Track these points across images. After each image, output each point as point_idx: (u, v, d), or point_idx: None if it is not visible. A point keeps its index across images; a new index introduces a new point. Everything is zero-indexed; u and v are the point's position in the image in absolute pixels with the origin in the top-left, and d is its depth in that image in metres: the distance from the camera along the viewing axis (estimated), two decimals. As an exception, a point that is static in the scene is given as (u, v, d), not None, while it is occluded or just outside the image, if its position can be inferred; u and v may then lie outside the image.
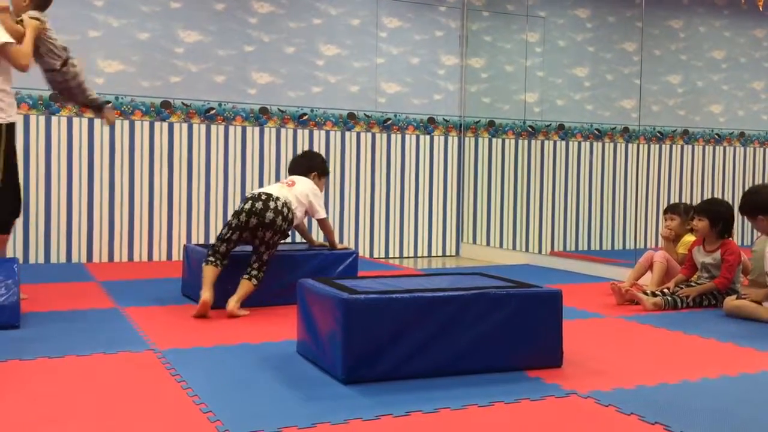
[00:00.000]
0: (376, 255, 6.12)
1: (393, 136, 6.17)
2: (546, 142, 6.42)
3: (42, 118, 5.11)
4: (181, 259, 5.24)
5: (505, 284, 2.63)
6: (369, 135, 6.08)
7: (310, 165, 3.87)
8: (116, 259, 5.32)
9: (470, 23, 6.41)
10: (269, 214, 3.42)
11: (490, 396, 2.16)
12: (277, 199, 3.49)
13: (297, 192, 3.63)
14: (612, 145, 6.62)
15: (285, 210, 3.48)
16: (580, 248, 6.46)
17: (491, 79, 6.48)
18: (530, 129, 6.38)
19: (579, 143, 6.54)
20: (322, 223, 3.82)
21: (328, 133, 5.93)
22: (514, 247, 6.29)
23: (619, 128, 6.64)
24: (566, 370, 2.48)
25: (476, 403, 2.10)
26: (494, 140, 6.45)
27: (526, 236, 6.32)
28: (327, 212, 4.11)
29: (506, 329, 2.46)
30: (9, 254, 4.99)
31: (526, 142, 6.40)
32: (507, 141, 6.45)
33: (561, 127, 6.47)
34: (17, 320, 2.97)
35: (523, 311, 2.48)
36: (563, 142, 6.48)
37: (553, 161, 6.44)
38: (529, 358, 2.49)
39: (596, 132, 6.57)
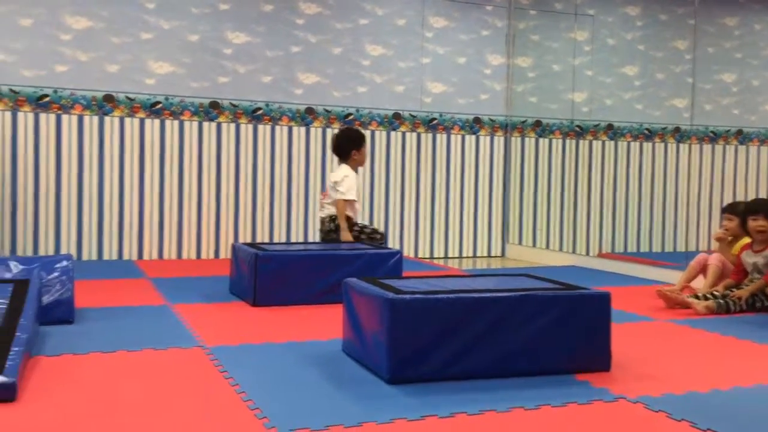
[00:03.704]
0: (420, 255, 6.11)
1: (438, 136, 6.15)
2: (594, 142, 6.32)
3: (95, 119, 5.24)
4: (228, 257, 5.33)
5: (552, 286, 2.60)
6: (414, 135, 6.08)
7: (346, 146, 4.40)
8: (165, 256, 5.43)
9: (517, 22, 6.36)
10: (333, 236, 4.27)
11: (536, 399, 2.14)
12: (326, 220, 4.33)
13: (330, 200, 4.32)
14: (663, 145, 6.48)
15: (332, 225, 4.29)
16: (629, 250, 6.34)
17: (538, 79, 6.41)
18: (578, 129, 6.29)
19: (628, 143, 6.42)
20: (336, 204, 4.24)
21: (373, 133, 5.94)
22: (560, 249, 6.22)
23: (671, 128, 6.50)
24: (615, 374, 2.44)
25: (522, 405, 2.08)
26: (541, 140, 6.38)
27: (573, 237, 6.24)
28: (356, 196, 4.35)
29: (553, 332, 2.43)
30: (63, 250, 5.15)
31: (573, 142, 6.32)
32: (554, 141, 6.38)
33: (610, 126, 6.37)
34: (72, 316, 3.05)
35: (570, 314, 2.45)
36: (612, 142, 6.38)
37: (601, 161, 6.34)
38: (577, 362, 2.45)
39: (646, 132, 6.45)
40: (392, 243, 6.01)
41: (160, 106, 5.39)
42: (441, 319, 2.33)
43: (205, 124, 5.52)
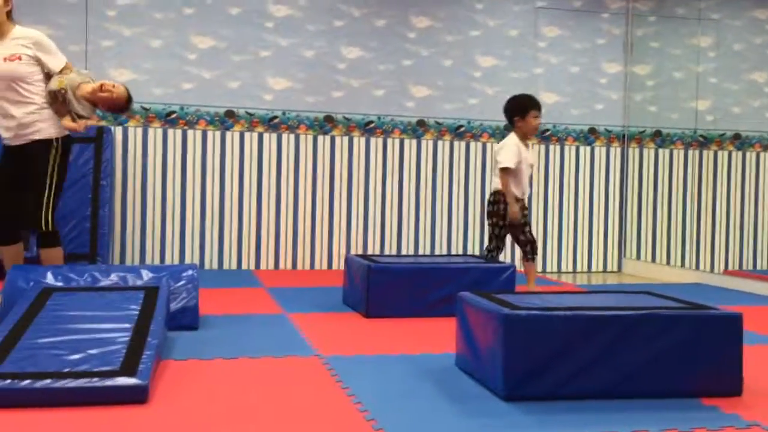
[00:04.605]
0: (532, 269, 5.99)
1: (552, 147, 6.03)
2: (720, 152, 6.00)
3: (218, 134, 5.50)
4: (341, 268, 5.43)
5: (676, 305, 2.48)
6: (526, 146, 5.98)
7: (509, 114, 4.22)
8: (281, 266, 5.60)
9: (635, 29, 6.14)
10: (489, 208, 4.20)
11: (661, 422, 2.05)
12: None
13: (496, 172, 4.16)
14: (796, 155, 6.06)
15: (492, 198, 4.18)
16: (758, 267, 5.96)
17: (658, 87, 6.16)
18: (701, 139, 5.99)
19: (757, 153, 6.05)
20: (500, 173, 4.08)
21: (484, 145, 5.90)
22: (682, 265, 5.93)
23: (805, 137, 6.07)
24: (746, 399, 2.30)
25: (646, 429, 2.00)
26: (661, 151, 6.12)
27: (696, 253, 5.93)
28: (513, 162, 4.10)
29: (678, 353, 2.32)
30: (187, 260, 5.41)
31: (696, 152, 6.02)
32: (675, 151, 6.10)
33: (737, 136, 6.03)
34: (196, 322, 3.20)
35: (697, 335, 2.33)
36: (739, 153, 6.03)
37: (727, 173, 6.01)
38: (705, 385, 2.33)
39: (777, 141, 6.05)
40: (503, 257, 5.93)
41: (277, 120, 5.59)
42: (558, 336, 2.27)
43: (320, 138, 5.66)
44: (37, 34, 3.42)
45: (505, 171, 4.07)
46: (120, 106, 3.57)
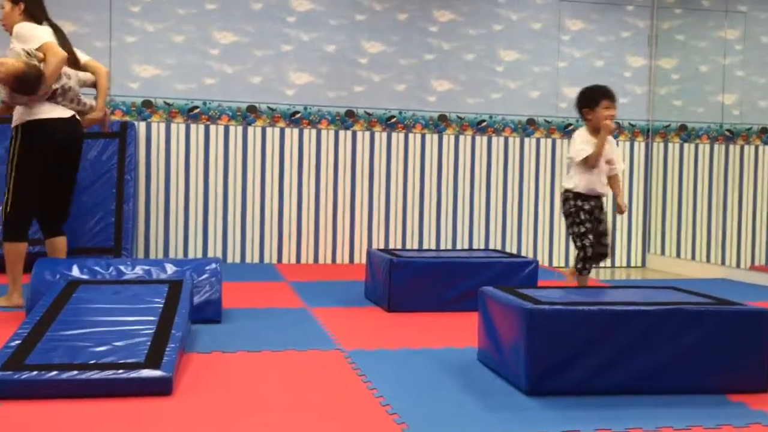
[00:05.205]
0: (555, 264, 5.96)
1: (574, 141, 5.97)
2: (746, 147, 5.91)
3: (240, 129, 5.52)
4: (362, 262, 5.44)
5: (702, 300, 2.46)
6: (549, 141, 5.95)
7: (578, 107, 3.89)
8: (303, 260, 5.62)
9: (660, 22, 6.07)
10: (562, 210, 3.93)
11: (687, 418, 2.03)
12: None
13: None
14: (825, 149, 5.96)
15: (563, 198, 3.90)
16: (785, 263, 5.87)
17: (683, 81, 6.08)
18: (728, 133, 5.91)
19: (785, 148, 5.96)
20: (573, 168, 3.82)
21: (506, 139, 5.87)
22: (708, 260, 5.86)
23: (834, 130, 5.96)
24: (774, 396, 2.27)
25: (671, 425, 1.98)
26: (686, 145, 6.05)
27: (722, 248, 5.86)
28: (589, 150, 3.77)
29: (703, 349, 2.29)
30: (210, 254, 5.46)
31: (722, 147, 5.94)
32: (701, 146, 6.02)
33: (764, 130, 5.93)
34: (219, 315, 3.22)
35: (723, 330, 2.31)
36: (766, 147, 5.94)
37: (754, 167, 5.92)
38: (731, 381, 2.30)
39: (806, 135, 5.95)
40: (526, 251, 5.90)
41: (299, 115, 5.60)
42: (582, 331, 2.26)
43: (341, 133, 5.67)
44: (18, 27, 3.38)
45: (583, 161, 3.73)
46: (11, 85, 3.24)
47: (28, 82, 3.25)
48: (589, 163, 3.74)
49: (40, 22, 3.47)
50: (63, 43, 3.46)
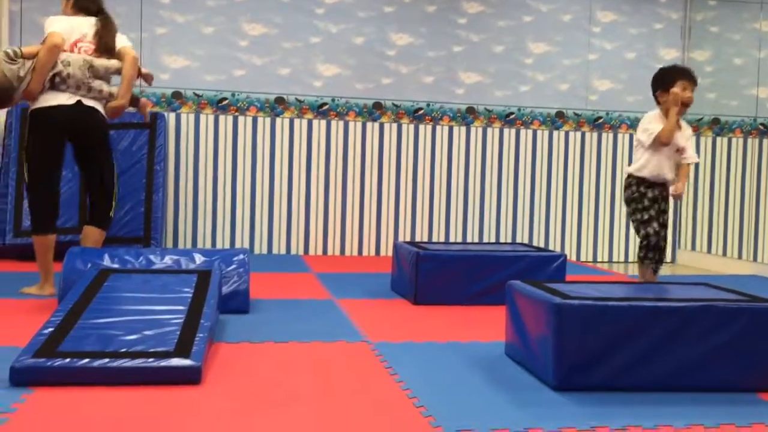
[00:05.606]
0: (583, 258, 5.91)
1: (604, 134, 5.91)
2: (781, 141, 5.80)
3: (268, 120, 5.54)
4: (388, 254, 5.44)
5: (735, 297, 2.42)
6: (578, 134, 5.89)
7: (652, 89, 3.61)
8: (329, 252, 5.64)
9: (694, 14, 5.96)
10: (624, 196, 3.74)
11: (717, 417, 2.00)
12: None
13: None
14: None
15: (625, 184, 3.70)
16: (820, 260, 5.76)
17: (717, 73, 5.98)
18: (762, 127, 5.80)
19: (821, 142, 5.83)
20: (641, 150, 3.56)
21: (535, 132, 5.82)
22: (739, 256, 5.76)
23: None
24: (808, 396, 2.23)
25: (702, 423, 1.95)
26: (719, 139, 5.95)
27: (755, 244, 5.76)
28: (656, 135, 3.49)
29: (735, 346, 2.26)
30: (237, 245, 5.49)
31: (756, 141, 5.83)
32: (734, 140, 5.92)
33: (800, 124, 5.81)
34: (247, 306, 3.24)
35: (755, 328, 2.27)
36: (802, 141, 5.82)
37: (789, 162, 5.81)
38: (763, 379, 2.26)
39: (843, 129, 5.82)
40: (553, 245, 5.86)
41: (326, 107, 5.60)
42: (611, 327, 2.23)
43: (369, 125, 5.66)
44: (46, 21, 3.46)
45: (655, 139, 3.43)
46: None
47: None
48: (662, 140, 3.43)
49: (93, 14, 3.51)
50: (103, 33, 3.48)
